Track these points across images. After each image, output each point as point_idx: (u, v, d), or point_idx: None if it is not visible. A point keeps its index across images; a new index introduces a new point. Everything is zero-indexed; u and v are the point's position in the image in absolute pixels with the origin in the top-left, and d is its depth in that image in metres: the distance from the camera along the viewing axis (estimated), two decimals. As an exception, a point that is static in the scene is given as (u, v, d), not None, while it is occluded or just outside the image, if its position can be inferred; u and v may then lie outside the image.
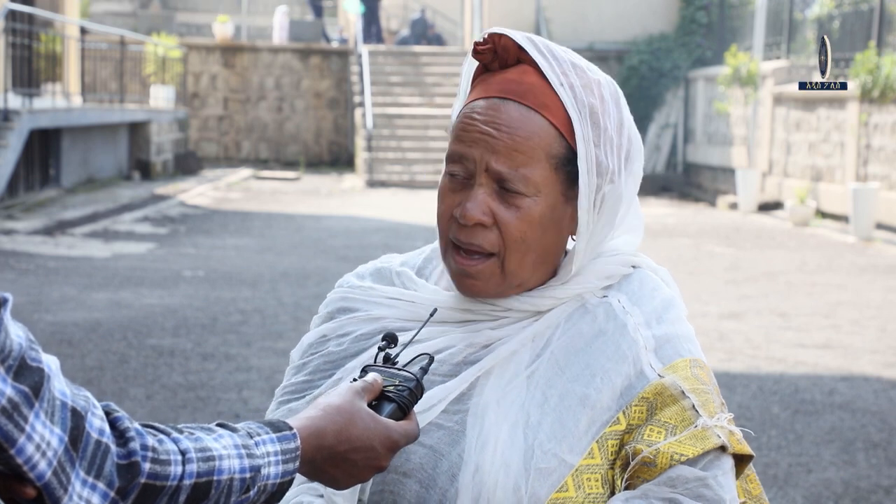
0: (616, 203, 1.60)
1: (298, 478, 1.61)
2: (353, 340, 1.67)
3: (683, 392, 1.54)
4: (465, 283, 1.60)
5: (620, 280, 1.64)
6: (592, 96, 1.58)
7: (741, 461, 1.57)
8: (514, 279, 1.59)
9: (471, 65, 1.64)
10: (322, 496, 1.61)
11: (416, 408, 1.54)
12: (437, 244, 1.73)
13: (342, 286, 1.75)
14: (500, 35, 1.60)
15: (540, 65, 1.58)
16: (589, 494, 1.52)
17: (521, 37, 1.60)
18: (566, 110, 1.57)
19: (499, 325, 1.62)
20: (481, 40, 1.60)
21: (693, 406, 1.54)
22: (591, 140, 1.57)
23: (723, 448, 1.53)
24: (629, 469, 1.52)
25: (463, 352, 1.60)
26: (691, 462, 1.51)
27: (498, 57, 1.60)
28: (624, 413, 1.54)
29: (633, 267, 1.66)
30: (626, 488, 1.53)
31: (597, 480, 1.53)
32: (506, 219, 1.56)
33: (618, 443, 1.54)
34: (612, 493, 1.54)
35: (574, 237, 1.62)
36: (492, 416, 1.54)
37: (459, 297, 1.64)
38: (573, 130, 1.57)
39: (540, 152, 1.56)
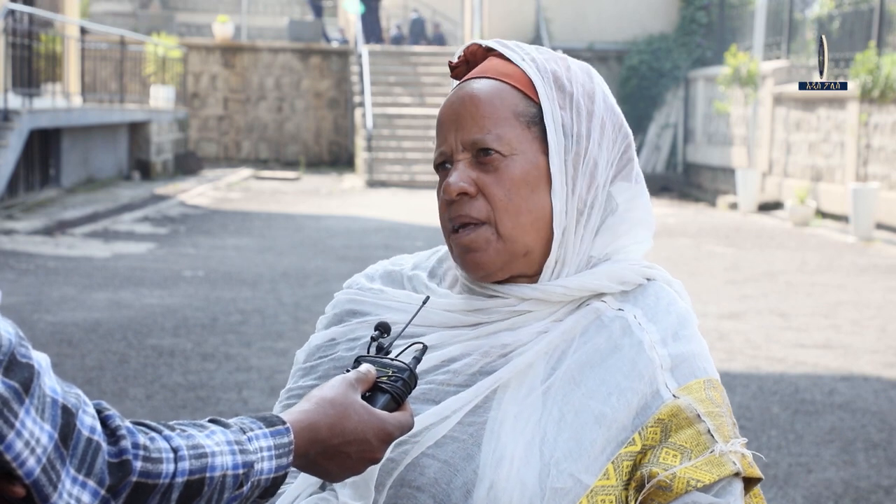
0: (593, 168, 1.60)
1: (308, 479, 1.61)
2: (364, 346, 1.65)
3: (699, 415, 1.53)
4: (468, 259, 1.58)
5: (636, 292, 1.62)
6: (556, 65, 1.62)
7: (748, 482, 1.57)
8: (516, 246, 1.57)
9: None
10: None
11: (431, 419, 1.53)
12: None
13: (351, 287, 1.73)
14: (469, 46, 1.68)
15: (501, 50, 1.64)
16: None
17: (487, 41, 1.66)
18: (529, 78, 1.60)
19: (513, 326, 1.60)
20: (455, 60, 1.68)
21: (708, 430, 1.53)
22: (555, 101, 1.59)
23: (736, 473, 1.53)
24: (644, 491, 1.51)
25: (479, 361, 1.58)
26: (706, 488, 1.51)
27: (469, 65, 1.67)
28: (639, 434, 1.53)
29: (647, 279, 1.64)
30: None
31: (611, 502, 1.51)
32: (487, 182, 1.57)
33: (632, 463, 1.52)
34: None
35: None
36: (508, 432, 1.52)
37: (470, 299, 1.62)
38: (538, 94, 1.59)
39: (506, 111, 1.58)
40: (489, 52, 1.65)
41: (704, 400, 1.56)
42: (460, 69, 1.67)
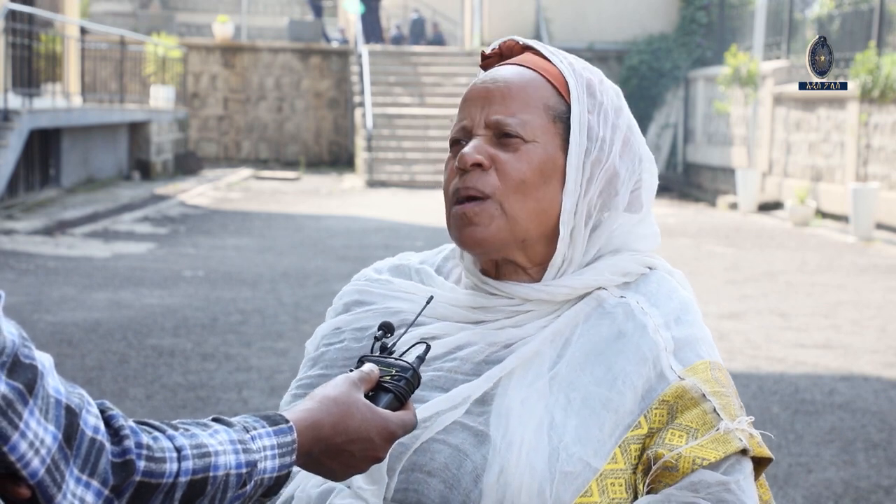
0: (611, 178, 1.61)
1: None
2: (370, 335, 1.65)
3: (704, 395, 1.54)
4: (465, 232, 1.58)
5: (637, 280, 1.63)
6: (591, 74, 1.63)
7: (759, 464, 1.57)
8: (516, 227, 1.57)
9: None
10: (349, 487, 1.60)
11: (442, 406, 1.54)
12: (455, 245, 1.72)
13: (359, 279, 1.74)
14: (506, 41, 1.68)
15: (540, 50, 1.64)
16: (613, 499, 1.51)
17: (527, 40, 1.67)
18: (563, 78, 1.61)
19: (517, 323, 1.60)
20: (488, 51, 1.68)
21: (714, 409, 1.53)
22: (585, 105, 1.60)
23: (744, 451, 1.53)
24: (651, 473, 1.52)
25: (484, 351, 1.59)
26: (713, 466, 1.50)
27: (503, 58, 1.68)
28: (645, 417, 1.53)
29: (649, 268, 1.66)
30: (648, 493, 1.52)
31: (620, 485, 1.52)
32: (503, 159, 1.57)
33: (640, 447, 1.53)
34: (635, 498, 1.53)
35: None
36: (516, 418, 1.53)
37: (475, 296, 1.63)
38: (570, 93, 1.60)
39: (537, 101, 1.58)
40: (526, 49, 1.66)
41: (710, 380, 1.56)
42: (493, 61, 1.68)
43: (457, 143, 1.62)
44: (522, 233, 1.58)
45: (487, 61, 1.68)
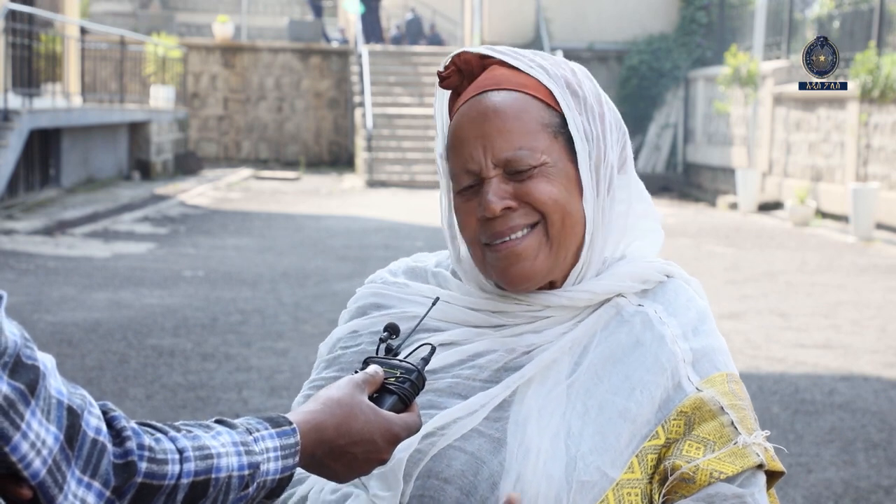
0: (611, 171, 1.60)
1: None
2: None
3: (722, 408, 1.54)
4: (513, 271, 1.56)
5: (655, 289, 1.63)
6: (563, 70, 1.60)
7: (771, 476, 1.58)
8: (560, 251, 1.56)
9: (442, 97, 1.64)
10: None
11: (459, 413, 1.53)
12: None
13: (374, 282, 1.72)
14: (459, 54, 1.62)
15: (504, 59, 1.60)
16: None
17: (479, 48, 1.61)
18: (544, 86, 1.58)
19: (537, 329, 1.59)
20: (442, 69, 1.62)
21: (732, 422, 1.53)
22: (573, 108, 1.57)
23: (759, 465, 1.53)
24: (667, 484, 1.51)
25: (503, 358, 1.58)
26: (730, 479, 1.51)
27: (464, 75, 1.62)
28: (663, 427, 1.53)
29: (667, 276, 1.65)
30: (664, 503, 1.52)
31: (636, 495, 1.51)
32: (527, 190, 1.54)
33: (656, 457, 1.53)
34: None
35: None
36: (533, 426, 1.52)
37: (495, 299, 1.62)
38: (556, 102, 1.57)
39: (534, 124, 1.55)
40: (484, 58, 1.61)
41: (727, 393, 1.56)
42: (453, 79, 1.62)
43: (463, 185, 1.57)
44: (564, 251, 1.57)
45: (449, 81, 1.61)
